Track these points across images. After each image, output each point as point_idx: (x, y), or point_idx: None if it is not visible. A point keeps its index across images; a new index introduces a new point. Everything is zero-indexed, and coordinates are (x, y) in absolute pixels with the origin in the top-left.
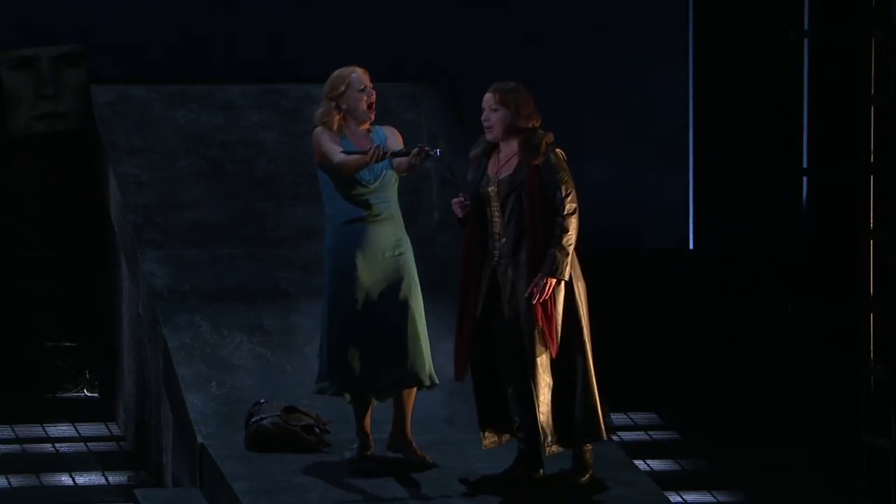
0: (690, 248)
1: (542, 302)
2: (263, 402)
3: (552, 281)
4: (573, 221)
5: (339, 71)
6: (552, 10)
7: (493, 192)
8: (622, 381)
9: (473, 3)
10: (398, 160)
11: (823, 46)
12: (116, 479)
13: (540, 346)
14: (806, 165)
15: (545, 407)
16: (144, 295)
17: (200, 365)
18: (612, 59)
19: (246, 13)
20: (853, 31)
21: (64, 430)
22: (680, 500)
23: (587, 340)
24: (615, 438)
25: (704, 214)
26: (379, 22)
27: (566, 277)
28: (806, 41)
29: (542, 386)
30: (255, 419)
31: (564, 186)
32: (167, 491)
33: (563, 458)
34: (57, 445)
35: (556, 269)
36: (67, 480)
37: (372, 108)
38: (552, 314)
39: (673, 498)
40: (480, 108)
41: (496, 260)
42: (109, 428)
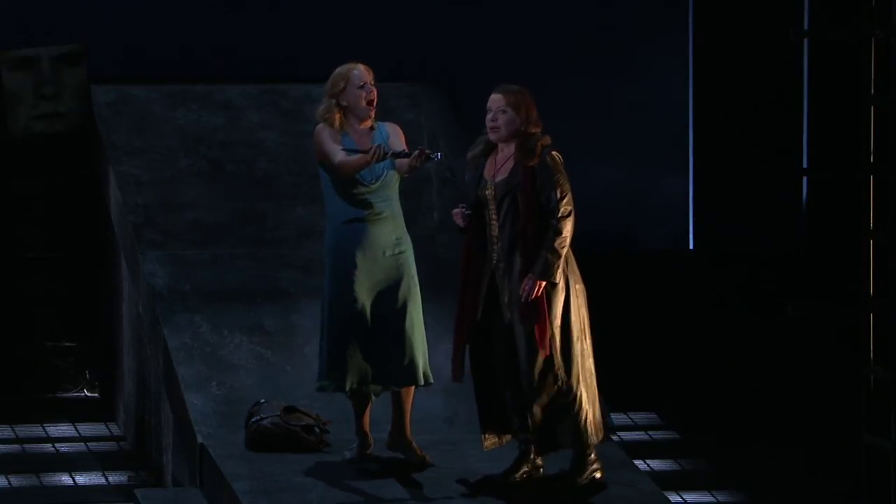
0: (690, 248)
1: (531, 302)
2: (263, 402)
3: (541, 283)
4: (567, 224)
5: (340, 67)
6: (552, 10)
7: (489, 194)
8: (622, 381)
9: (473, 3)
10: (400, 160)
11: (823, 46)
12: (116, 478)
13: (534, 348)
14: (806, 165)
15: (538, 409)
16: (144, 295)
17: (200, 365)
18: (612, 59)
19: (246, 13)
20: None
21: (64, 429)
22: (680, 499)
23: (579, 343)
24: (615, 438)
25: (704, 214)
26: (379, 22)
27: (557, 280)
28: (806, 41)
29: (536, 388)
30: (255, 419)
31: (559, 189)
32: (167, 491)
33: (563, 457)
34: (57, 445)
35: (545, 271)
36: (68, 480)
37: (372, 104)
38: (544, 316)
39: (673, 498)
40: (485, 108)
41: (494, 263)
42: (109, 428)
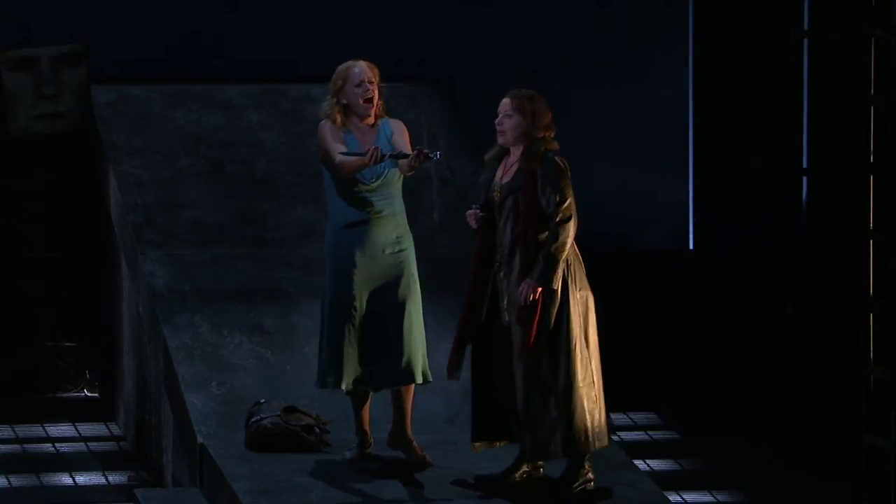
0: (690, 247)
1: (527, 306)
2: (263, 401)
3: (537, 287)
4: (565, 229)
5: (343, 64)
6: (552, 10)
7: (496, 197)
8: (622, 381)
9: (473, 3)
10: (401, 160)
11: (823, 46)
12: (117, 478)
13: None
14: (806, 165)
15: (528, 415)
16: (144, 295)
17: (200, 365)
18: (612, 58)
19: (246, 13)
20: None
21: (64, 429)
22: (680, 499)
23: (578, 351)
24: (615, 438)
25: (704, 214)
26: (379, 22)
27: (553, 286)
28: (806, 41)
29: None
30: (255, 419)
31: (560, 194)
32: (167, 491)
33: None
34: (57, 445)
35: (541, 276)
36: (68, 480)
37: (370, 102)
38: (533, 319)
39: (673, 498)
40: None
41: (496, 265)
42: (109, 428)
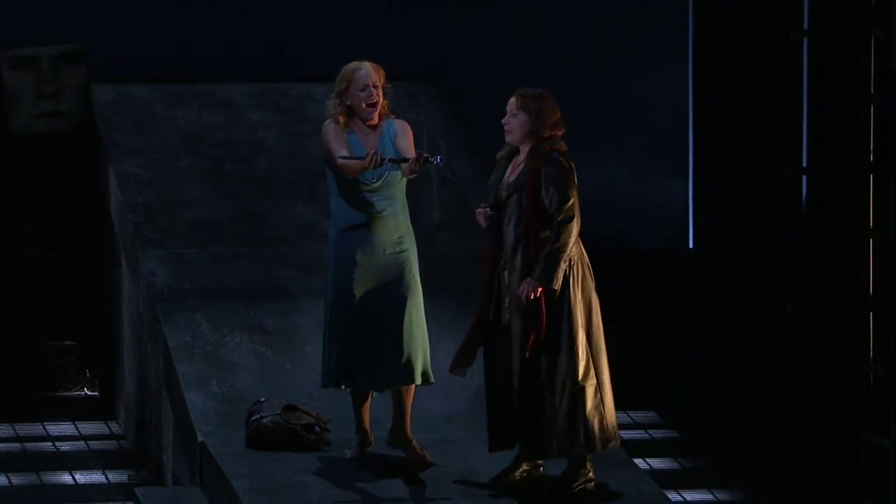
0: (690, 246)
1: (529, 306)
2: (263, 400)
3: (537, 287)
4: (567, 230)
5: (348, 65)
6: (552, 9)
7: (503, 195)
8: (622, 379)
9: (474, 2)
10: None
11: (823, 46)
12: (117, 477)
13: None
14: (805, 164)
15: (525, 414)
16: (145, 294)
17: (201, 363)
18: (612, 57)
19: (246, 12)
20: (853, 30)
21: (64, 428)
22: (680, 498)
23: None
24: None
25: (704, 213)
26: (379, 21)
27: (554, 286)
28: (805, 40)
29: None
30: (255, 418)
31: (563, 194)
32: (167, 489)
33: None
34: (57, 444)
35: (541, 276)
36: (68, 479)
37: (374, 107)
38: (537, 321)
39: (673, 496)
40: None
41: (501, 264)
42: (110, 426)
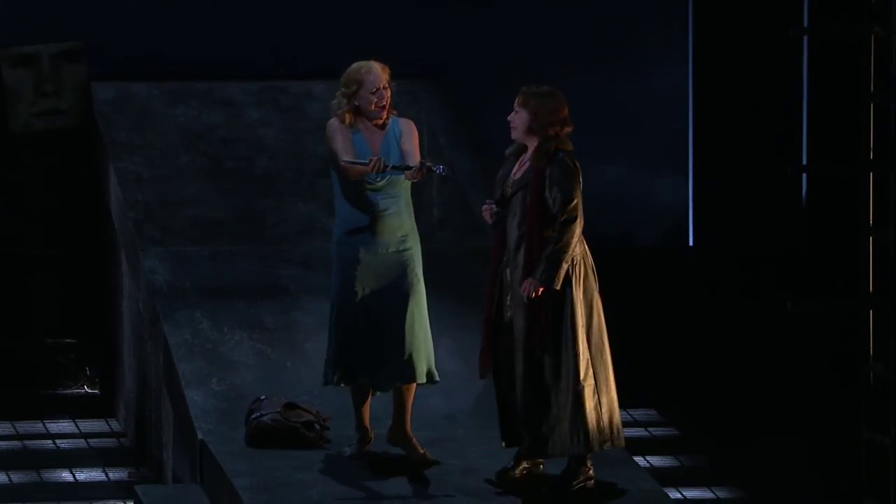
0: (690, 244)
1: (531, 305)
2: (264, 398)
3: (539, 286)
4: (570, 230)
5: (357, 66)
6: (553, 7)
7: (508, 192)
8: (622, 377)
9: (474, 0)
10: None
11: (823, 44)
12: (117, 475)
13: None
14: (805, 162)
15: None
16: (145, 291)
17: (201, 361)
18: (611, 56)
19: (246, 11)
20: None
21: (64, 426)
22: (680, 496)
23: (582, 349)
24: None
25: (704, 211)
26: (379, 18)
27: (554, 286)
28: (806, 38)
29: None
30: (255, 416)
31: (565, 194)
32: (167, 487)
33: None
34: (57, 442)
35: (542, 276)
36: (68, 477)
37: (384, 108)
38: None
39: (673, 494)
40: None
41: (504, 261)
42: (110, 424)
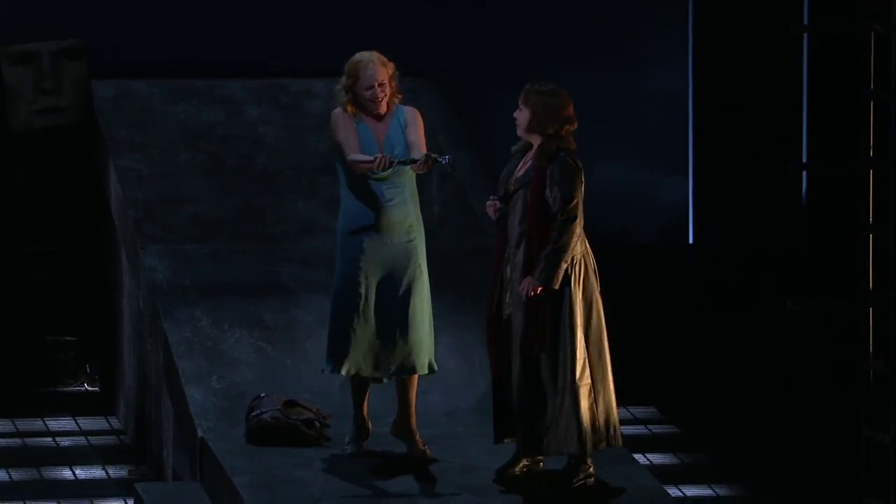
0: (690, 242)
1: (529, 303)
2: (264, 396)
3: (537, 285)
4: (569, 230)
5: (358, 57)
6: (553, 6)
7: (511, 189)
8: (622, 375)
9: None
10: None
11: (823, 41)
12: (117, 472)
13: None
14: (805, 160)
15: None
16: (145, 289)
17: (201, 359)
18: (611, 53)
19: (246, 8)
20: (853, 25)
21: (64, 423)
22: (679, 493)
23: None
24: None
25: (704, 209)
26: (379, 16)
27: (553, 286)
28: (805, 36)
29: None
30: (255, 413)
31: (565, 194)
32: (167, 485)
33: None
34: (57, 439)
35: (541, 275)
36: (68, 474)
37: (379, 104)
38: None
39: (672, 492)
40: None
41: (504, 259)
42: (110, 422)
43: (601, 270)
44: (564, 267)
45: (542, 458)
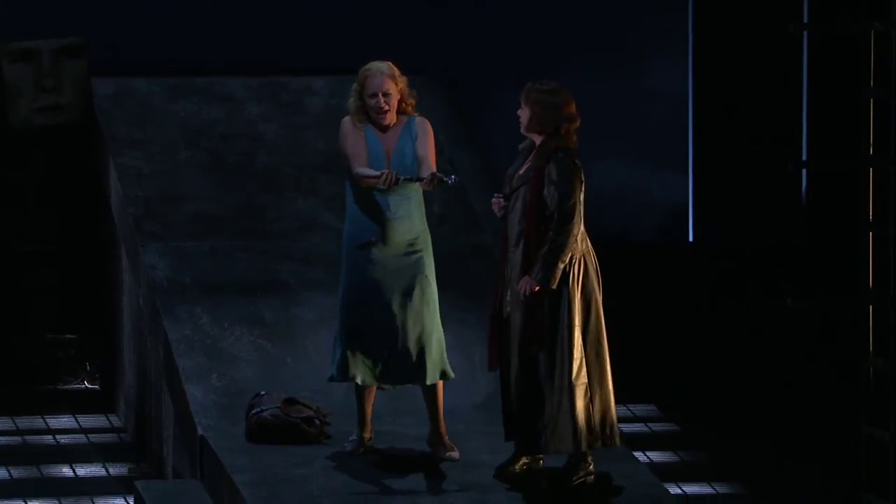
0: (690, 240)
1: (528, 302)
2: (263, 393)
3: (535, 285)
4: (566, 230)
5: (367, 66)
6: (553, 5)
7: (514, 186)
8: (622, 373)
9: None
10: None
11: (823, 39)
12: (117, 470)
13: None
14: (805, 158)
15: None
16: (145, 287)
17: (201, 357)
18: (611, 52)
19: (246, 6)
20: (853, 24)
21: (65, 421)
22: (679, 491)
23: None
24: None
25: (704, 207)
26: (379, 15)
27: (550, 285)
28: (805, 34)
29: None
30: (255, 411)
31: (563, 193)
32: (167, 483)
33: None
34: (58, 437)
35: (538, 274)
36: (68, 472)
37: (383, 114)
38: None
39: (672, 490)
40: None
41: (507, 256)
42: (110, 419)
43: (602, 268)
44: (562, 266)
45: (542, 455)
